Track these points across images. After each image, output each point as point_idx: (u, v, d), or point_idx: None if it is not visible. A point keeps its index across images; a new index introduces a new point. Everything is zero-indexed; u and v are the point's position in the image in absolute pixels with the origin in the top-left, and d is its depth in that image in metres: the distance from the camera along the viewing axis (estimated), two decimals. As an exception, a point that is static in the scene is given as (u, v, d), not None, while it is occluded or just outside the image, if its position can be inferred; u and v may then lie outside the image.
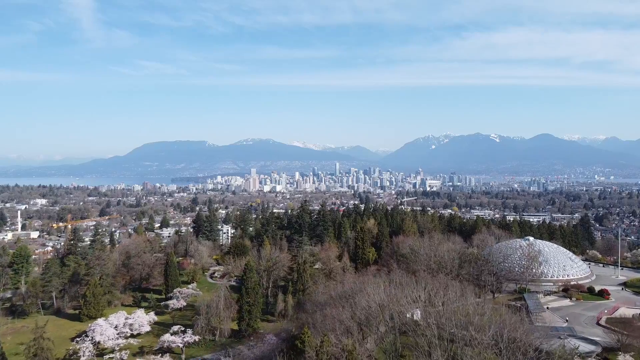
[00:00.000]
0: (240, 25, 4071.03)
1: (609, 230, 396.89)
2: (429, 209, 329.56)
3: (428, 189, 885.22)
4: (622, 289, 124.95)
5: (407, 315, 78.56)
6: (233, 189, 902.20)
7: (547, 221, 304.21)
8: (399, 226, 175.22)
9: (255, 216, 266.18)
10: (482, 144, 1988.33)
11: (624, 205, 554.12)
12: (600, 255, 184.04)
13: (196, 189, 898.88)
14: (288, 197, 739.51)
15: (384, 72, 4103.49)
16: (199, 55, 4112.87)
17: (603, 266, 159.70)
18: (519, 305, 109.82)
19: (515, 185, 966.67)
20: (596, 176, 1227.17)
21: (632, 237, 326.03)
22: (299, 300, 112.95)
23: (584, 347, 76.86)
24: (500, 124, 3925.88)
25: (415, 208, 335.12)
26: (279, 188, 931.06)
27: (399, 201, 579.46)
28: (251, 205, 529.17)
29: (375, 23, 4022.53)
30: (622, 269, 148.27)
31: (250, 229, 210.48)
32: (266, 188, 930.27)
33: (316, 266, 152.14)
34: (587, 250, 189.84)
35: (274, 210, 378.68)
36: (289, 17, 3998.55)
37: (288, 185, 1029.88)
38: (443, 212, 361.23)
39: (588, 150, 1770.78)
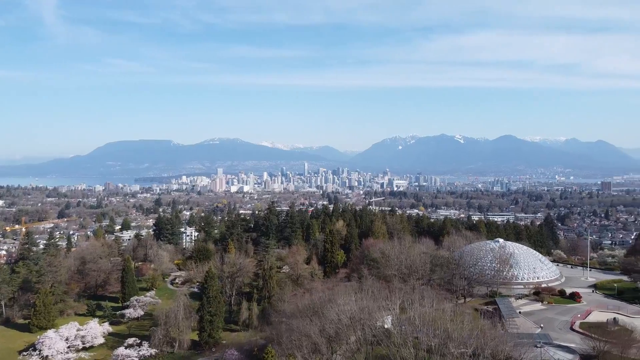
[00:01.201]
0: (210, 23, 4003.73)
1: (571, 229, 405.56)
2: (397, 209, 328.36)
3: (395, 189, 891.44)
4: (593, 291, 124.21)
5: (378, 323, 74.32)
6: (199, 189, 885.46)
7: (511, 221, 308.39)
8: (368, 228, 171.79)
9: (220, 218, 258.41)
10: (448, 144, 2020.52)
11: (584, 205, 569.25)
12: (564, 255, 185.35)
13: (160, 189, 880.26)
14: (256, 197, 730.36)
15: (354, 72, 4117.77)
16: (167, 53, 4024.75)
17: (571, 267, 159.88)
18: (491, 309, 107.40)
19: (480, 186, 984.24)
20: (557, 176, 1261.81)
21: (594, 237, 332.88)
22: (265, 308, 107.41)
23: (562, 356, 74.18)
24: (465, 125, 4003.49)
25: (383, 208, 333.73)
26: (246, 188, 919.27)
27: (368, 201, 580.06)
28: (217, 206, 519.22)
29: (346, 24, 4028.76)
30: (590, 270, 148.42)
31: (215, 231, 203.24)
32: (233, 188, 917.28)
33: (284, 268, 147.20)
34: (552, 251, 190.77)
35: (241, 211, 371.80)
36: (259, 16, 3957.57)
37: (256, 185, 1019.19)
38: (410, 212, 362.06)
39: (549, 151, 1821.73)
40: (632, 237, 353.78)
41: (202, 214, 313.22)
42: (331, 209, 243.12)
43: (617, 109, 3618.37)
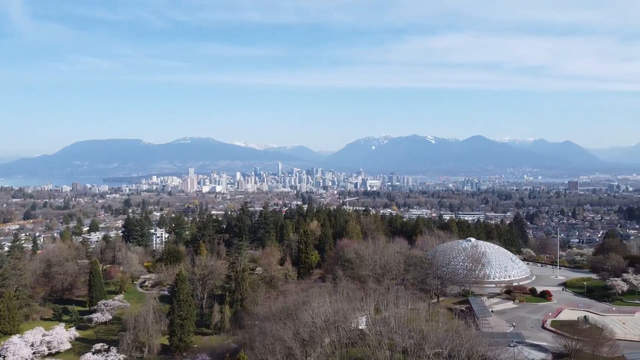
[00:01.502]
0: (181, 21, 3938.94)
1: (540, 228, 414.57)
2: (371, 208, 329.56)
3: (369, 188, 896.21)
4: (563, 289, 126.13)
5: (353, 325, 73.47)
6: (169, 189, 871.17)
7: (482, 220, 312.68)
8: (343, 228, 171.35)
9: (192, 219, 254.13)
10: (419, 145, 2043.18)
11: (552, 204, 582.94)
12: (534, 254, 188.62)
13: (130, 189, 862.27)
14: (228, 197, 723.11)
15: (328, 72, 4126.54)
16: (137, 51, 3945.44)
17: (541, 266, 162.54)
18: (464, 309, 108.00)
19: (450, 185, 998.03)
20: (525, 176, 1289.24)
21: (562, 235, 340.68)
22: (237, 311, 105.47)
23: (534, 355, 74.71)
24: (436, 126, 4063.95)
25: (357, 208, 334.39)
26: (218, 188, 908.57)
27: (342, 201, 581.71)
28: (188, 207, 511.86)
29: (319, 24, 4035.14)
30: (560, 269, 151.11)
31: (186, 232, 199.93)
32: (205, 188, 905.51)
33: (257, 269, 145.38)
34: (522, 249, 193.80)
35: (213, 212, 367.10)
36: (232, 14, 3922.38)
37: (229, 185, 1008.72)
38: (384, 211, 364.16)
39: (518, 151, 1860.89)
40: (599, 235, 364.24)
41: (173, 215, 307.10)
42: (305, 209, 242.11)
43: (583, 110, 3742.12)
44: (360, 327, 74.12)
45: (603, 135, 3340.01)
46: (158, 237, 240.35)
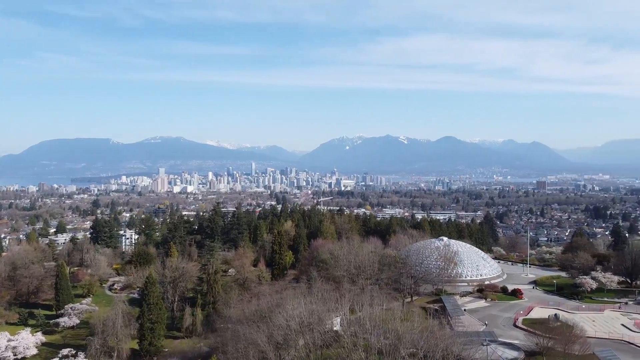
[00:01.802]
0: (153, 19, 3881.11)
1: (509, 227, 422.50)
2: (345, 208, 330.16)
3: (343, 188, 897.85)
4: (533, 287, 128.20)
5: (327, 326, 72.83)
6: (139, 189, 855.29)
7: (453, 219, 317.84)
8: (317, 228, 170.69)
9: (162, 219, 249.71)
10: (393, 145, 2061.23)
11: (521, 204, 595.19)
12: (504, 252, 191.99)
13: (98, 190, 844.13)
14: (200, 198, 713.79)
15: (302, 72, 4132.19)
16: (107, 48, 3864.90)
17: (512, 264, 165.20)
18: (438, 308, 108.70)
19: (422, 185, 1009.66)
20: (495, 176, 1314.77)
21: (531, 234, 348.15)
22: (209, 314, 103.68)
23: (507, 353, 75.41)
24: (409, 127, 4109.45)
25: (331, 208, 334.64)
26: (190, 189, 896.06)
27: (316, 201, 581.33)
28: (158, 208, 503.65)
29: (293, 23, 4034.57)
30: (530, 267, 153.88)
31: (157, 234, 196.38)
32: (176, 189, 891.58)
33: (230, 271, 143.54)
34: (493, 248, 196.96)
35: (184, 213, 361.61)
36: (204, 12, 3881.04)
37: (200, 185, 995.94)
38: (358, 211, 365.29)
39: (487, 152, 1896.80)
40: (567, 234, 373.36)
41: (143, 216, 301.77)
42: (279, 209, 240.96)
43: (551, 112, 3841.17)
44: (335, 329, 73.53)
45: (570, 136, 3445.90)
46: (127, 238, 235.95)
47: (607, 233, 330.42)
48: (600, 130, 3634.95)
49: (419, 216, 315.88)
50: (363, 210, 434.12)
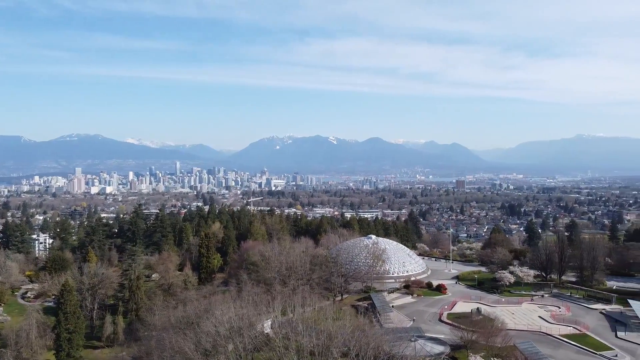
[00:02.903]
0: (69, 9, 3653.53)
1: (432, 224, 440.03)
2: (276, 208, 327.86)
3: (273, 188, 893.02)
4: (456, 282, 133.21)
5: (258, 329, 71.07)
6: (54, 190, 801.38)
7: (380, 217, 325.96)
8: (247, 229, 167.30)
9: (79, 222, 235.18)
10: (322, 145, 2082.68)
11: (442, 202, 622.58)
12: (428, 249, 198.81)
13: (8, 191, 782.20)
14: (120, 199, 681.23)
15: (231, 70, 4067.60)
16: (18, 40, 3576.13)
17: (435, 260, 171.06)
18: (367, 305, 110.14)
19: (351, 184, 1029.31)
20: (417, 175, 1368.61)
21: (453, 230, 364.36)
22: (132, 322, 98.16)
23: (434, 348, 77.32)
24: (338, 127, 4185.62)
25: (262, 208, 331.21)
26: (109, 189, 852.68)
27: (245, 201, 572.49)
28: (75, 210, 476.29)
29: (221, 20, 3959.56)
30: (452, 263, 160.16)
31: (73, 238, 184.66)
32: (94, 190, 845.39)
33: (153, 276, 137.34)
34: (417, 244, 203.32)
35: (103, 215, 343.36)
36: (126, 5, 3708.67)
37: (120, 186, 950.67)
38: (289, 211, 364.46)
39: (411, 152, 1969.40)
40: (485, 230, 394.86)
41: (58, 219, 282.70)
42: (206, 210, 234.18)
43: (469, 114, 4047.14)
44: (266, 332, 71.92)
45: (487, 138, 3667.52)
46: (41, 243, 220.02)
47: (521, 229, 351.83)
48: (514, 132, 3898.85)
49: (348, 215, 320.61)
50: (294, 210, 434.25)
